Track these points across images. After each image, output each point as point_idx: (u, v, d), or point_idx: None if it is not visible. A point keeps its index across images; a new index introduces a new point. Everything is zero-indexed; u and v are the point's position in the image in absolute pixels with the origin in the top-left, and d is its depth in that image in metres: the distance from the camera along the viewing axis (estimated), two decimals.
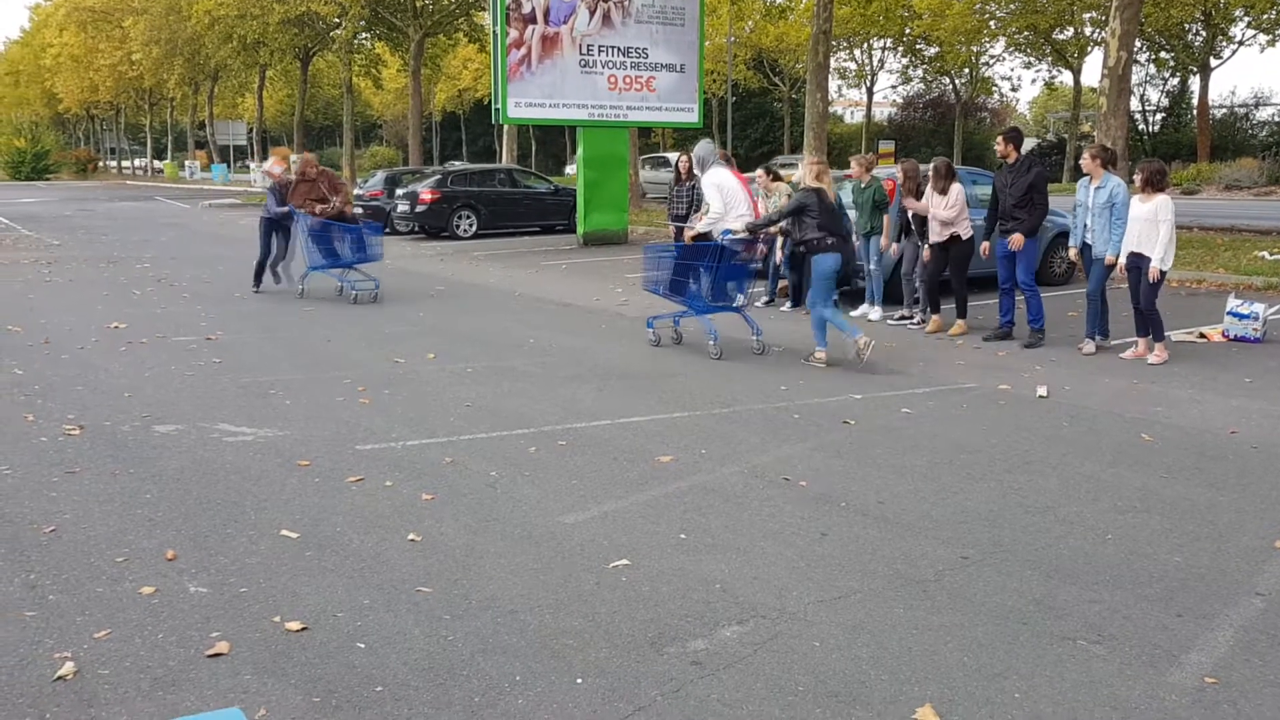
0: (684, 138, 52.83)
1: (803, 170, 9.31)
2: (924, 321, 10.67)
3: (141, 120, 79.96)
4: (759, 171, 12.22)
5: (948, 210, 10.03)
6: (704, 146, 9.94)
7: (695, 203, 12.44)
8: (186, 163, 67.15)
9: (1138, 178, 8.72)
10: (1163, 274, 8.59)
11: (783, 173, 12.30)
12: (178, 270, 15.89)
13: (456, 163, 40.69)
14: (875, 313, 11.20)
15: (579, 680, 3.42)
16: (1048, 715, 3.22)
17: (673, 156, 26.10)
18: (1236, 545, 4.66)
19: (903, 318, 11.00)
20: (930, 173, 10.34)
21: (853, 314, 11.21)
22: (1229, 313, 9.87)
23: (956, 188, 10.08)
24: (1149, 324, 8.83)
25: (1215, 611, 3.97)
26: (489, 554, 4.53)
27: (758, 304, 11.92)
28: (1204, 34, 39.53)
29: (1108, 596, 4.09)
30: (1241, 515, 5.05)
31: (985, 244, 10.04)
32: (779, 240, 11.60)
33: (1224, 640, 3.73)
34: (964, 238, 10.06)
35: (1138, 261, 8.69)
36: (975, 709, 3.25)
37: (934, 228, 10.20)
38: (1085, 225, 9.26)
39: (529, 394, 7.66)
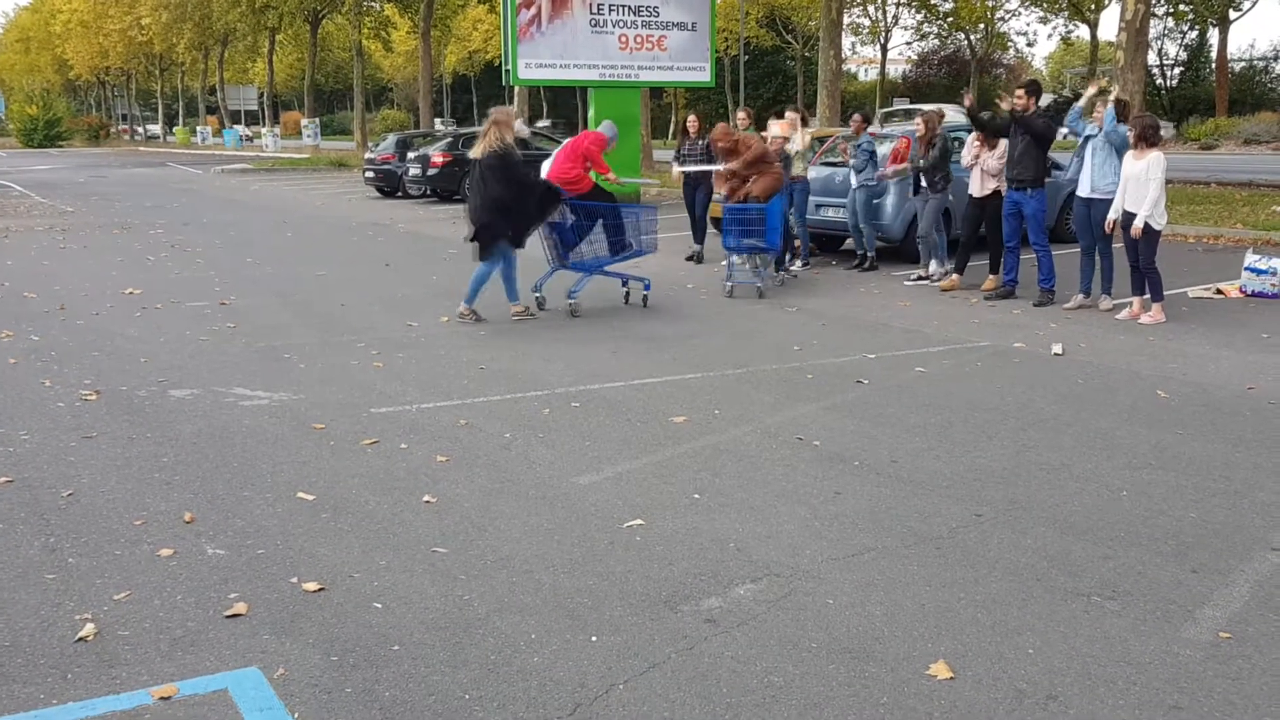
0: (696, 98, 52.48)
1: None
2: (944, 276, 10.61)
3: (153, 86, 79.86)
4: (789, 113, 12.06)
5: (998, 160, 9.82)
6: (608, 127, 10.17)
7: (706, 160, 12.33)
8: (198, 128, 67.11)
9: (1131, 133, 8.56)
10: (1157, 232, 8.46)
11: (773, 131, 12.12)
12: (190, 236, 15.91)
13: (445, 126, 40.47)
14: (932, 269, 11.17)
15: (594, 638, 3.44)
16: (1061, 671, 3.23)
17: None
18: (1252, 501, 4.65)
19: (920, 278, 10.92)
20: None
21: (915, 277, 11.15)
22: (1247, 268, 9.79)
23: (1004, 141, 9.86)
24: (1147, 283, 8.71)
25: (1230, 567, 3.96)
26: (504, 515, 4.55)
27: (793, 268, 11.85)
28: None
29: (1122, 553, 4.09)
30: (1258, 471, 5.03)
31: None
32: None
33: (1239, 596, 3.73)
34: (1003, 193, 9.85)
35: (1132, 219, 8.55)
36: (989, 665, 3.26)
37: (977, 181, 10.02)
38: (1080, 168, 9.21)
39: (543, 356, 7.66)
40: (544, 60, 19.01)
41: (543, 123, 39.89)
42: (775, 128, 11.24)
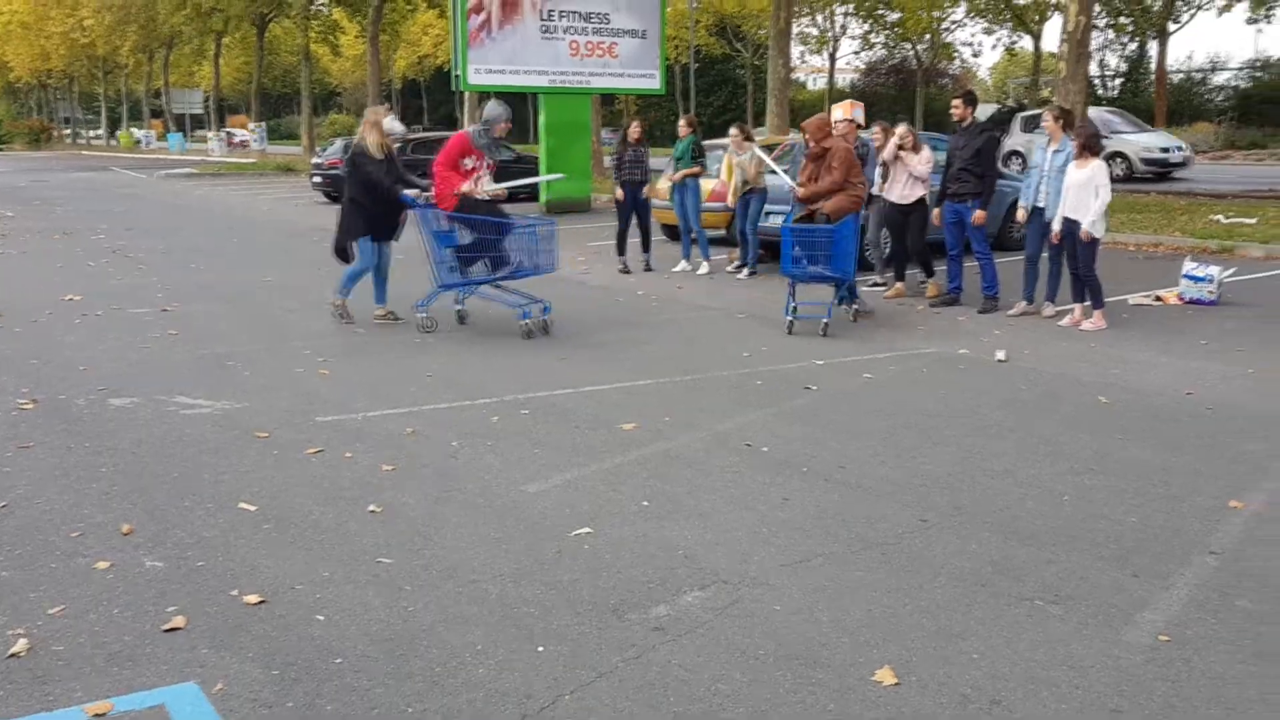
0: (646, 104, 52.59)
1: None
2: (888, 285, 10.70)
3: (96, 89, 78.45)
4: (732, 129, 12.15)
5: (924, 166, 9.96)
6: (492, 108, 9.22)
7: (644, 168, 12.33)
8: (142, 132, 66.02)
9: (1074, 143, 8.71)
10: (1097, 240, 8.60)
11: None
12: (133, 241, 15.63)
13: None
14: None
15: (540, 648, 3.42)
16: (1005, 675, 3.25)
17: None
18: (1191, 505, 4.73)
19: (875, 284, 10.99)
20: (903, 132, 10.24)
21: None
22: (1184, 275, 9.97)
23: (927, 149, 10.12)
24: (1088, 289, 8.84)
25: (1170, 571, 4.03)
26: (450, 524, 4.51)
27: (739, 273, 11.95)
28: None
29: (1064, 557, 4.14)
30: (1196, 476, 5.12)
31: (936, 210, 9.98)
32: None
33: (1178, 599, 3.79)
34: (927, 201, 10.02)
35: (1073, 227, 8.67)
36: (933, 670, 3.29)
37: (900, 186, 10.13)
38: (1038, 187, 9.21)
39: (492, 363, 7.62)
40: (494, 66, 18.95)
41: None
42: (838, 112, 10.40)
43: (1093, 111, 25.93)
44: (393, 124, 9.05)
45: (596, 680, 3.23)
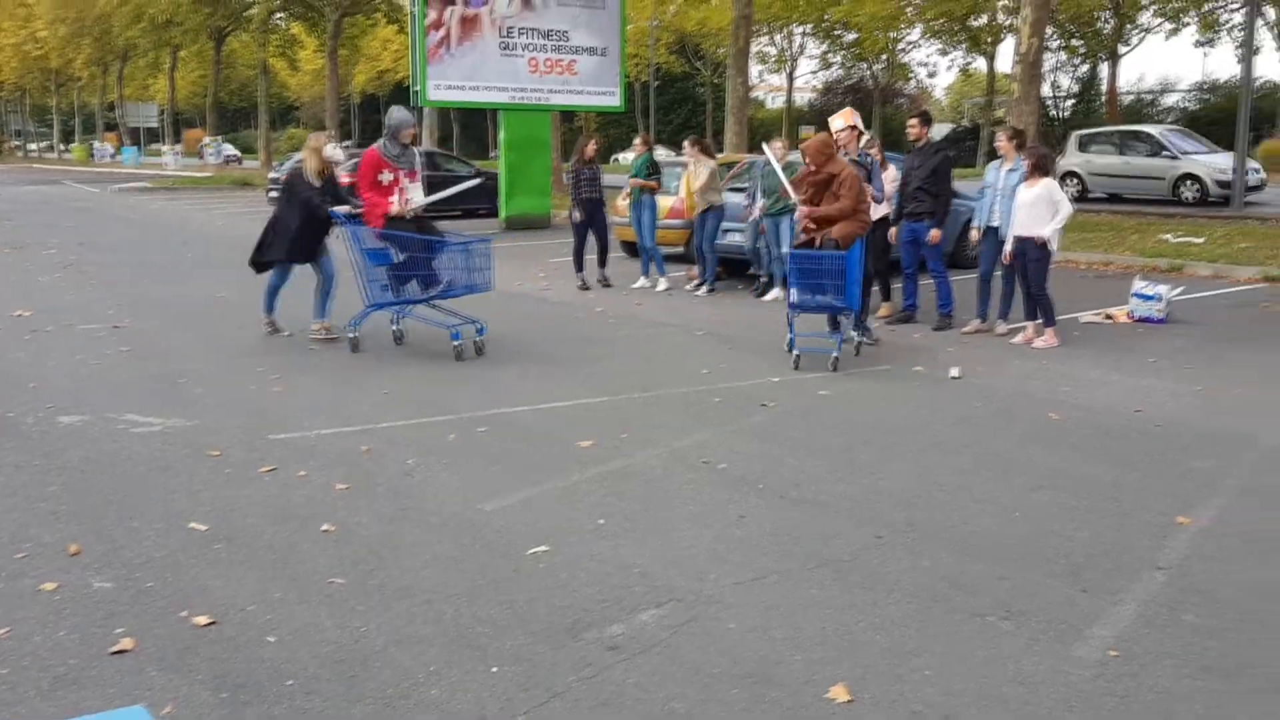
0: (606, 121, 52.73)
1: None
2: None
3: (48, 102, 77.41)
4: (686, 142, 12.25)
5: (890, 185, 10.05)
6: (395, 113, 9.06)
7: (598, 186, 12.33)
8: (96, 145, 65.19)
9: (1026, 163, 8.85)
10: (1049, 257, 8.72)
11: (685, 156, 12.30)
12: (86, 256, 15.42)
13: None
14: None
15: (494, 669, 3.40)
16: (958, 692, 3.28)
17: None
18: (1139, 521, 4.79)
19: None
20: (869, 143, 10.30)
21: (769, 298, 11.32)
22: (1134, 294, 10.13)
23: (893, 168, 10.24)
24: (1040, 308, 8.96)
25: (1119, 586, 4.08)
26: (405, 543, 4.47)
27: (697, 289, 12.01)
28: (1113, 22, 40.47)
29: (1016, 573, 4.18)
30: (1145, 492, 5.20)
31: (893, 229, 10.06)
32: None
33: (1127, 614, 3.84)
34: (889, 219, 10.06)
35: (1024, 246, 8.80)
36: (887, 687, 3.30)
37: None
38: (992, 206, 9.35)
39: (448, 380, 7.58)
40: (453, 82, 18.94)
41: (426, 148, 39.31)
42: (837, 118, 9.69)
43: (1153, 129, 24.73)
44: (334, 151, 9.04)
45: (551, 700, 3.21)
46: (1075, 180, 23.37)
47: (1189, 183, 22.30)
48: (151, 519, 4.71)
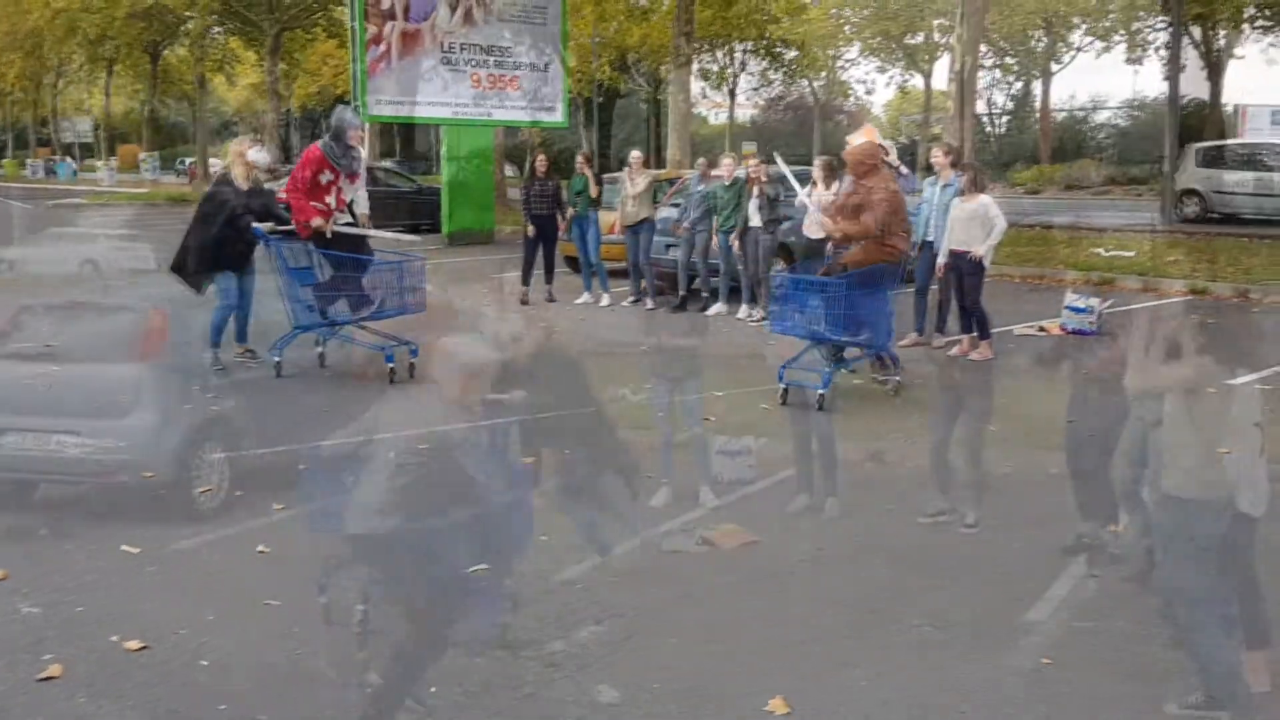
0: (550, 137, 52.75)
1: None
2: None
3: None
4: (634, 154, 12.36)
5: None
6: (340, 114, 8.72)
7: (555, 202, 12.35)
8: (29, 161, 63.79)
9: (962, 180, 8.99)
10: (983, 271, 8.87)
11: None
12: (19, 273, 15.06)
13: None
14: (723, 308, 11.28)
15: (433, 689, 3.37)
16: (894, 702, 3.32)
17: None
18: (1071, 531, 4.87)
19: (762, 318, 11.11)
20: (822, 168, 10.33)
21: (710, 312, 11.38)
22: (1066, 307, 10.29)
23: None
24: (974, 321, 9.07)
25: (1052, 595, 4.15)
26: (342, 564, 4.42)
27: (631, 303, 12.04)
28: (1045, 40, 41.37)
29: (951, 584, 4.24)
30: (1082, 501, 5.29)
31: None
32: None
33: (1058, 623, 3.91)
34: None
35: (959, 260, 8.94)
36: (824, 699, 3.33)
37: (816, 225, 10.23)
38: (928, 221, 9.47)
39: (389, 398, 7.50)
40: (394, 97, 18.80)
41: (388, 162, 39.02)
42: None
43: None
44: (258, 155, 8.81)
45: (490, 719, 3.20)
46: (1196, 199, 19.68)
47: None
48: (83, 542, 4.65)
